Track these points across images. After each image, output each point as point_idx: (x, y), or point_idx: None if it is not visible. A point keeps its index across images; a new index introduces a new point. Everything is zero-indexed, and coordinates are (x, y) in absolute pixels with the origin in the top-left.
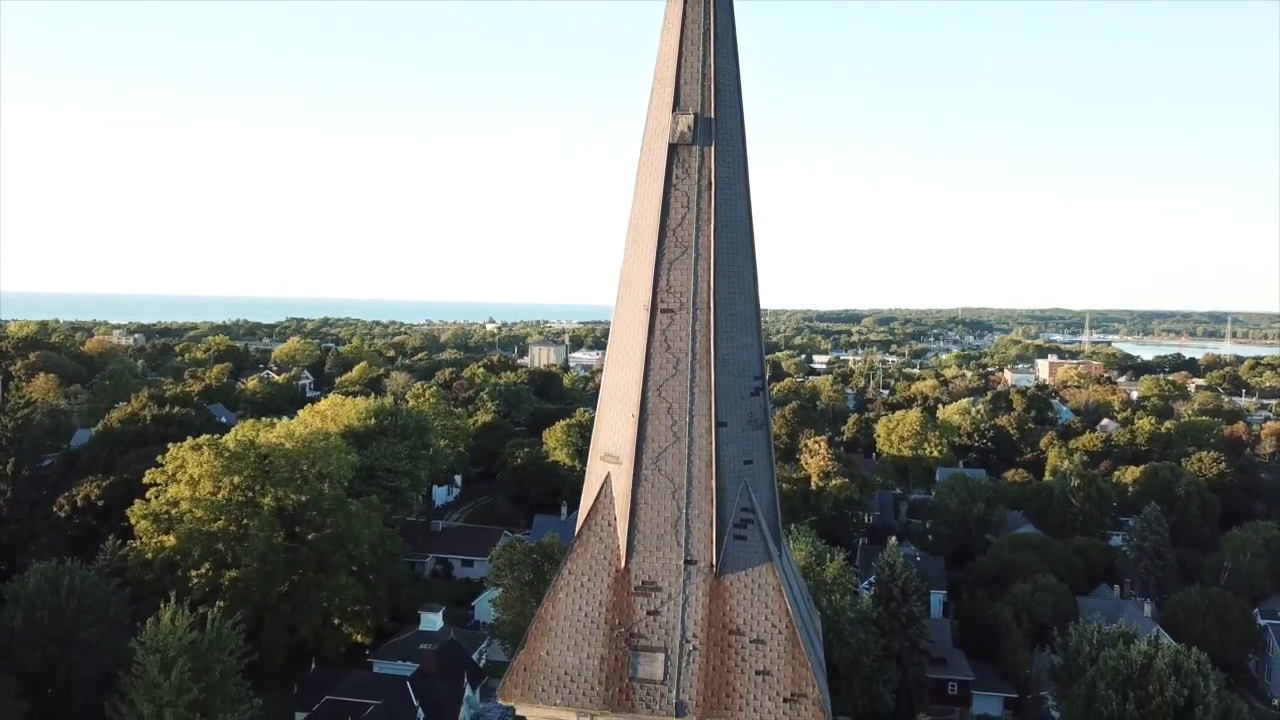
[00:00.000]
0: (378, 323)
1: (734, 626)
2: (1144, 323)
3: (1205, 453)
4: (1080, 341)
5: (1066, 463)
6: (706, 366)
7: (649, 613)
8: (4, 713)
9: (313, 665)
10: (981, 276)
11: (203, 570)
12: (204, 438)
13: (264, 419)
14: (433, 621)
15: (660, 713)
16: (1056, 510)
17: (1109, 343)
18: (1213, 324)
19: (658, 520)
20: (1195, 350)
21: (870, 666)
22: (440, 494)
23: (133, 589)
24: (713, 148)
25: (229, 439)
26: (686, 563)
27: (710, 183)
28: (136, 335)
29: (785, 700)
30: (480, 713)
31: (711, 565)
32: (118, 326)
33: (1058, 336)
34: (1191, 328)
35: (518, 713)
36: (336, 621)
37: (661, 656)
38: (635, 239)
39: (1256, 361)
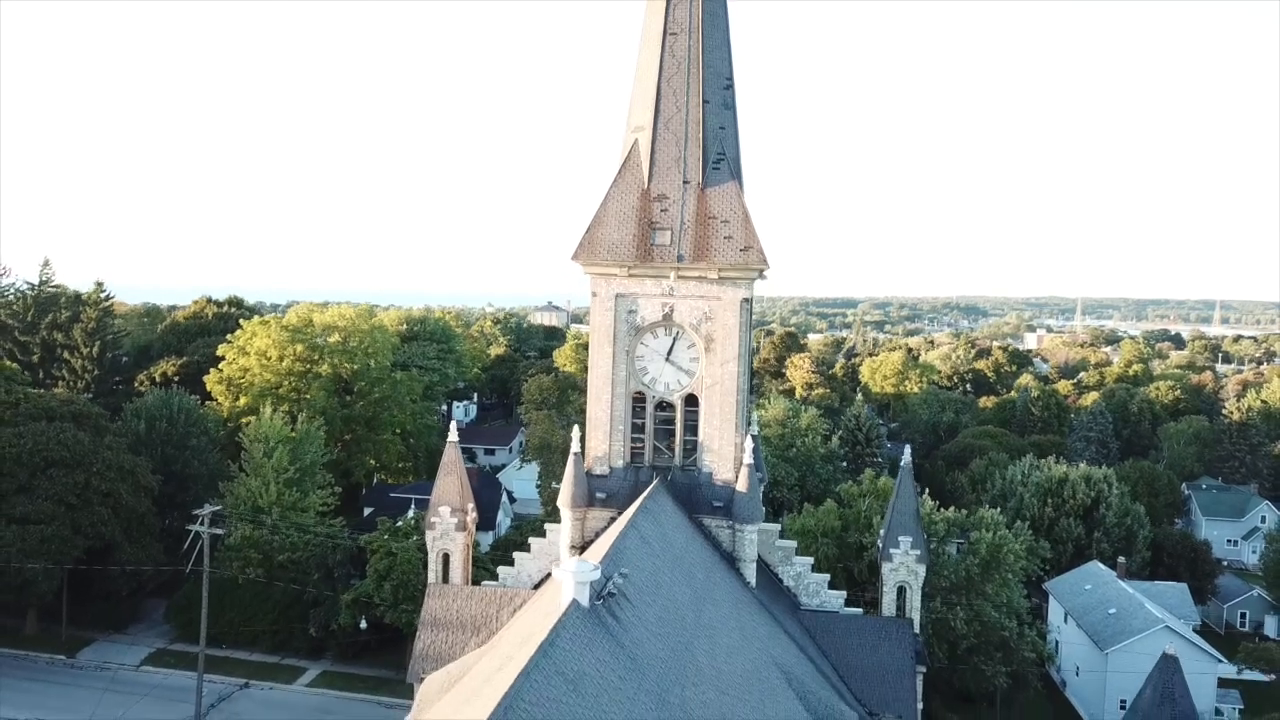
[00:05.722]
0: (376, 305)
1: (711, 214)
2: (1139, 309)
3: (1164, 382)
4: (1072, 325)
5: (1030, 383)
6: (697, 66)
7: (662, 210)
8: (145, 481)
9: (375, 479)
10: (978, 264)
11: None
12: (270, 315)
13: (316, 304)
14: None
15: (669, 262)
16: (1018, 419)
17: (1102, 327)
18: (1206, 310)
19: (667, 160)
20: (1186, 331)
21: (836, 496)
22: (458, 413)
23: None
24: None
25: (290, 317)
26: (684, 182)
27: None
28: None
29: (741, 251)
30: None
31: (699, 184)
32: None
33: (1052, 321)
34: (1185, 314)
35: (584, 271)
36: (382, 476)
37: (669, 232)
38: None
39: (1240, 336)
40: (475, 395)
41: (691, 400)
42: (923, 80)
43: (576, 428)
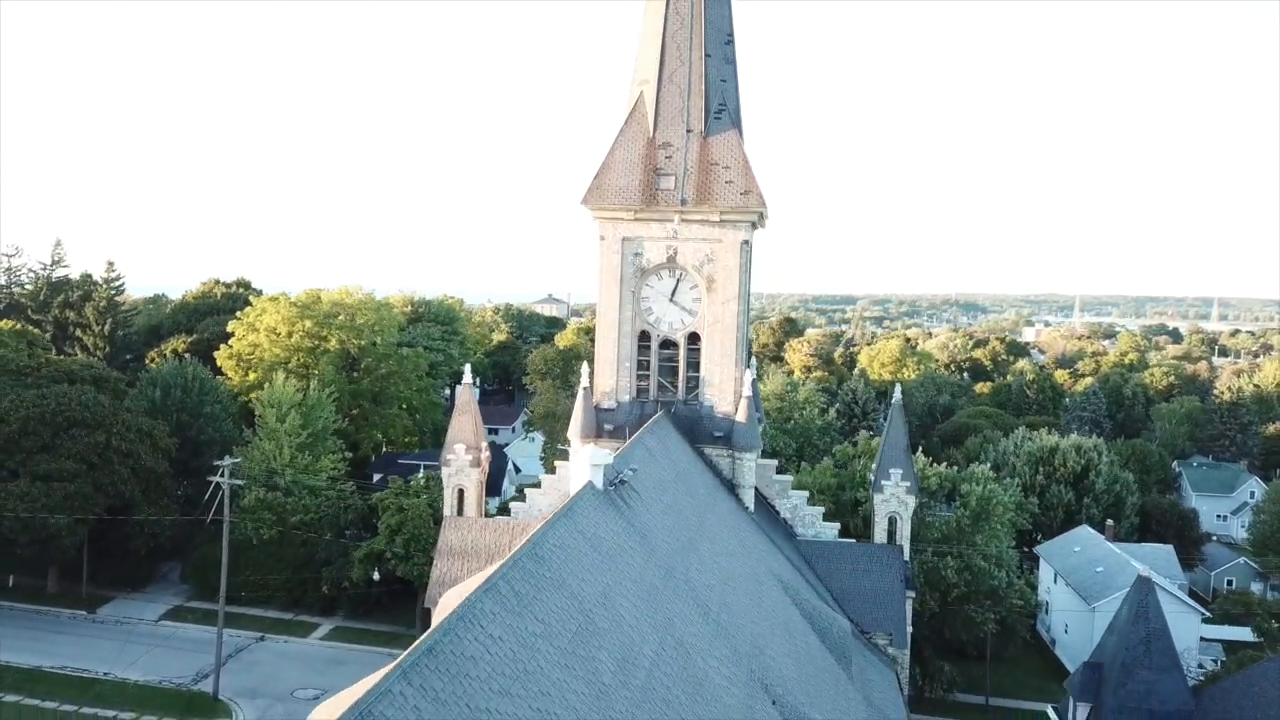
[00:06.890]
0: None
1: (713, 161)
2: (1138, 306)
3: (1158, 367)
4: (1071, 321)
5: (1025, 366)
6: (699, 23)
7: (666, 157)
8: (163, 443)
9: (384, 449)
10: (977, 262)
11: None
12: (279, 293)
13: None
14: None
15: (673, 205)
16: (1014, 402)
17: (1100, 323)
18: (1205, 307)
19: (671, 110)
20: (1184, 327)
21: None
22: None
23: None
24: None
25: (298, 296)
26: (687, 131)
27: None
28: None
29: (741, 194)
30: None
31: (702, 132)
32: None
33: (1050, 318)
34: (1184, 311)
35: (594, 216)
36: (389, 449)
37: (673, 178)
38: None
39: (1237, 331)
40: (478, 380)
41: (694, 338)
42: (922, 78)
43: (585, 364)
